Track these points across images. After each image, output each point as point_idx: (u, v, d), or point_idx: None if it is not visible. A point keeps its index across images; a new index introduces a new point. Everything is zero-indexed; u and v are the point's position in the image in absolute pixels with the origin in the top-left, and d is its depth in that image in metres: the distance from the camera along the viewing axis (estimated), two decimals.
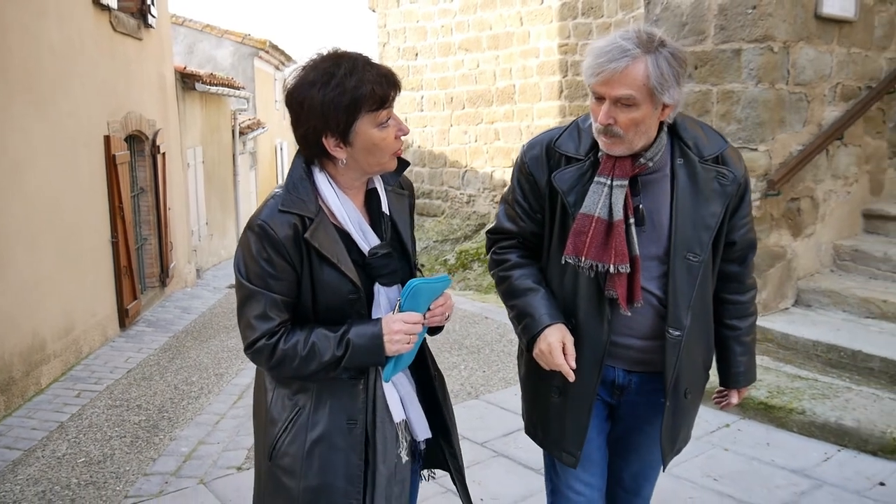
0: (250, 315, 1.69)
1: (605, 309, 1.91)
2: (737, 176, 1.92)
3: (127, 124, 7.34)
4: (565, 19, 8.72)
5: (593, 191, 1.86)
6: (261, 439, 1.84)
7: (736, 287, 2.08)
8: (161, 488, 3.54)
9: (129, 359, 6.04)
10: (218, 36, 16.89)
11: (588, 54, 1.81)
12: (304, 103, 1.65)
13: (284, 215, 1.66)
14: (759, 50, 4.41)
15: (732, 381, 2.14)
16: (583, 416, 1.99)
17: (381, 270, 1.75)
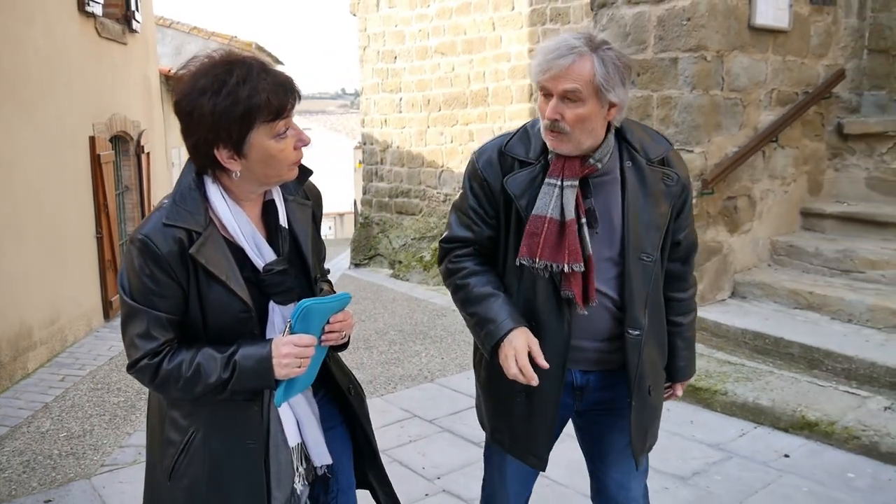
0: (133, 333, 1.61)
1: (565, 311, 1.94)
2: (680, 177, 1.99)
3: (112, 125, 7.66)
4: (534, 25, 9.07)
5: (544, 192, 1.89)
6: (156, 457, 1.77)
7: (679, 285, 2.14)
8: (134, 458, 3.87)
9: (111, 347, 6.37)
10: (205, 38, 17.14)
11: (537, 54, 1.86)
12: (193, 112, 1.55)
13: (169, 229, 1.57)
14: (693, 59, 4.76)
15: (677, 375, 2.20)
16: (549, 418, 2.01)
17: (275, 288, 1.67)
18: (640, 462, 2.09)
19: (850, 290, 4.80)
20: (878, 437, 3.61)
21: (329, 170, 31.50)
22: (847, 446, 3.66)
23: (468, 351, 5.61)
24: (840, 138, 5.87)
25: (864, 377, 4.10)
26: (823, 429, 3.77)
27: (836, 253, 5.13)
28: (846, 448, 3.65)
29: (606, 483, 2.19)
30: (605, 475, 2.19)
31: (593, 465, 2.24)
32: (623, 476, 2.16)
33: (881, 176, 5.70)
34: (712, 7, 4.70)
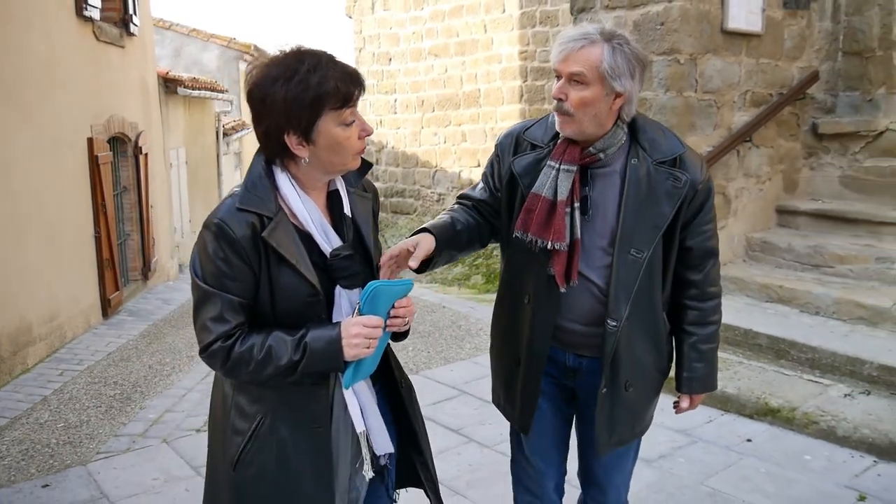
0: (206, 317, 1.64)
1: (554, 288, 2.02)
2: (693, 180, 1.99)
3: (110, 127, 7.85)
4: (525, 27, 9.26)
5: (544, 173, 2.00)
6: (220, 448, 1.79)
7: (695, 294, 2.11)
8: (128, 446, 4.06)
9: (109, 343, 6.55)
10: (204, 40, 17.36)
11: (556, 41, 1.97)
12: (265, 99, 1.62)
13: (242, 214, 1.62)
14: (666, 62, 4.94)
15: (684, 386, 2.18)
16: (534, 385, 2.12)
17: (342, 272, 1.72)
18: (601, 452, 2.13)
19: (819, 283, 4.98)
20: (836, 423, 3.79)
21: None
22: (806, 431, 3.84)
23: (454, 345, 5.79)
24: (815, 138, 6.05)
25: (826, 366, 4.27)
26: (785, 415, 3.95)
27: (808, 248, 5.31)
28: (805, 433, 3.83)
29: (591, 463, 2.27)
30: (590, 455, 2.24)
31: (581, 445, 2.30)
32: (609, 461, 2.22)
33: (854, 174, 5.88)
34: (684, 12, 4.87)
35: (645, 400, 2.17)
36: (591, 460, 2.26)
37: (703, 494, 3.31)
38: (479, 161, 10.10)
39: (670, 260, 2.07)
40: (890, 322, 4.47)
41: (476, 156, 10.14)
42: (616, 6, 5.14)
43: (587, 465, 2.29)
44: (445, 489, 3.39)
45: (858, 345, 4.29)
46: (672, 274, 2.10)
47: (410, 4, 10.95)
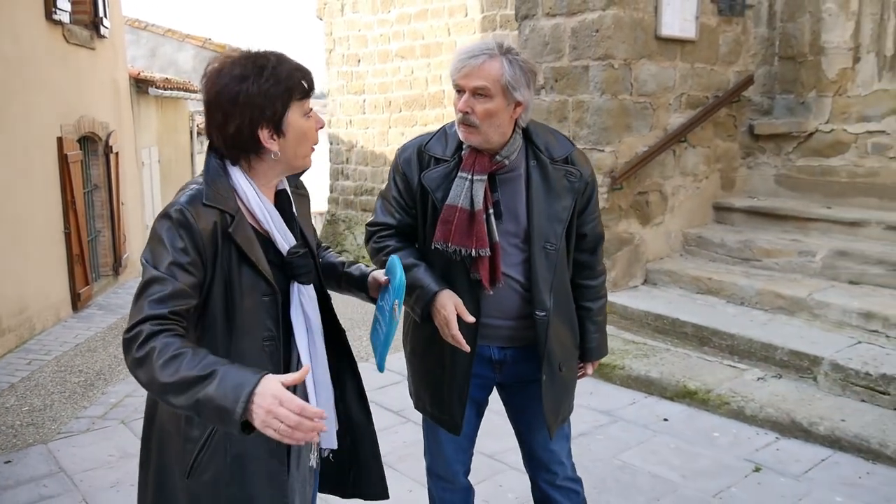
0: (146, 299, 1.52)
1: (475, 291, 2.15)
2: (583, 175, 2.19)
3: (80, 127, 8.06)
4: (486, 31, 9.54)
5: (457, 185, 2.10)
6: (171, 458, 1.73)
7: (588, 273, 2.35)
8: (88, 427, 4.31)
9: (77, 335, 6.78)
10: (179, 40, 17.52)
11: (454, 56, 2.09)
12: (237, 98, 1.63)
13: (207, 209, 1.62)
14: (602, 66, 5.25)
15: (588, 355, 2.41)
16: (462, 387, 2.22)
17: (300, 269, 1.75)
18: (552, 431, 2.28)
19: (745, 276, 5.30)
20: (745, 403, 4.10)
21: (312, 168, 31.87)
22: (719, 411, 4.15)
23: None
24: (752, 138, 6.39)
25: (744, 352, 4.59)
26: (701, 396, 4.26)
27: (738, 243, 5.63)
28: (718, 412, 4.15)
29: (533, 447, 2.40)
30: (531, 440, 2.39)
31: (520, 433, 2.44)
32: (546, 439, 2.34)
33: (787, 173, 6.22)
34: (618, 20, 5.18)
35: (573, 378, 2.37)
36: (536, 444, 2.38)
37: (613, 467, 3.61)
38: None
39: (570, 248, 2.25)
40: (806, 311, 4.79)
41: None
42: (556, 13, 5.44)
43: (532, 449, 2.41)
44: None
45: (773, 332, 4.61)
46: (572, 260, 2.30)
47: (378, 7, 11.21)
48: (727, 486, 3.38)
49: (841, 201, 5.80)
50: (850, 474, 3.44)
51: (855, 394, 4.00)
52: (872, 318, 4.44)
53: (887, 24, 5.68)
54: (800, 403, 3.98)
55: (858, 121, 5.84)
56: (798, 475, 3.46)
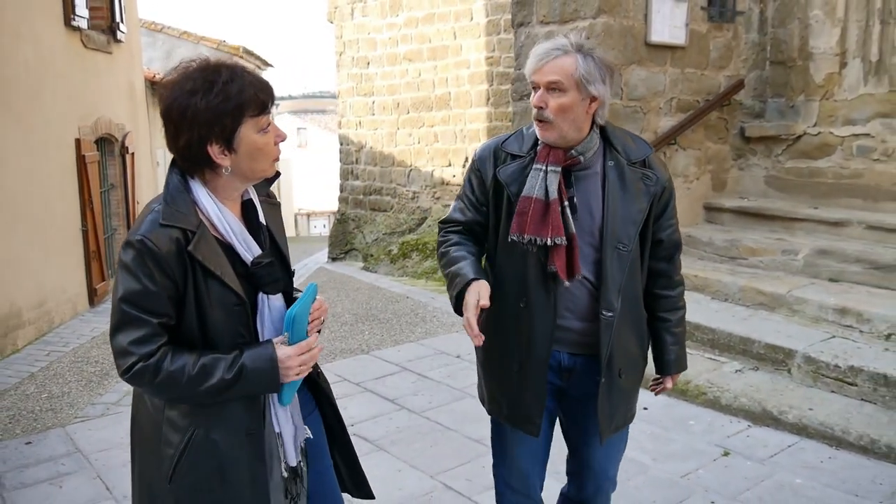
0: (126, 340, 1.64)
1: (551, 286, 2.13)
2: (660, 179, 2.16)
3: (97, 128, 8.37)
4: (491, 34, 9.78)
5: (532, 176, 2.11)
6: (153, 464, 1.77)
7: (665, 283, 2.29)
8: (103, 412, 4.60)
9: (94, 328, 7.08)
10: (194, 42, 17.85)
11: (530, 56, 2.10)
12: (185, 112, 1.63)
13: (166, 229, 1.63)
14: None
15: (665, 369, 2.39)
16: (540, 387, 2.19)
17: (265, 279, 1.76)
18: (604, 438, 2.24)
19: (731, 273, 5.51)
20: (721, 393, 4.32)
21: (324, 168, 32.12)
22: (696, 401, 4.38)
23: (406, 330, 6.33)
24: (743, 140, 6.60)
25: (724, 346, 4.81)
26: (680, 387, 4.48)
27: (725, 242, 5.85)
28: (695, 402, 4.37)
29: (586, 458, 2.37)
30: (586, 452, 2.36)
31: (573, 442, 2.41)
32: (601, 455, 2.34)
33: (776, 174, 6.42)
34: (608, 27, 5.41)
35: (635, 386, 2.34)
36: (588, 452, 2.36)
37: None
38: (449, 161, 10.63)
39: (645, 253, 2.22)
40: (785, 307, 5.00)
41: (447, 156, 10.67)
42: (549, 21, 5.67)
43: (583, 457, 2.39)
44: (372, 446, 3.96)
45: (753, 327, 4.82)
46: (647, 267, 2.25)
47: (387, 11, 11.47)
48: (695, 469, 3.60)
49: (827, 202, 6.00)
50: (813, 459, 3.66)
51: (825, 385, 4.21)
52: (847, 314, 4.64)
53: (872, 31, 5.87)
54: (772, 393, 4.20)
55: (844, 124, 6.03)
56: (764, 459, 3.68)
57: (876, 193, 5.76)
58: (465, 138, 10.42)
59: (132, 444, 1.86)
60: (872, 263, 5.06)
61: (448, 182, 10.79)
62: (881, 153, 5.81)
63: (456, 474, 3.65)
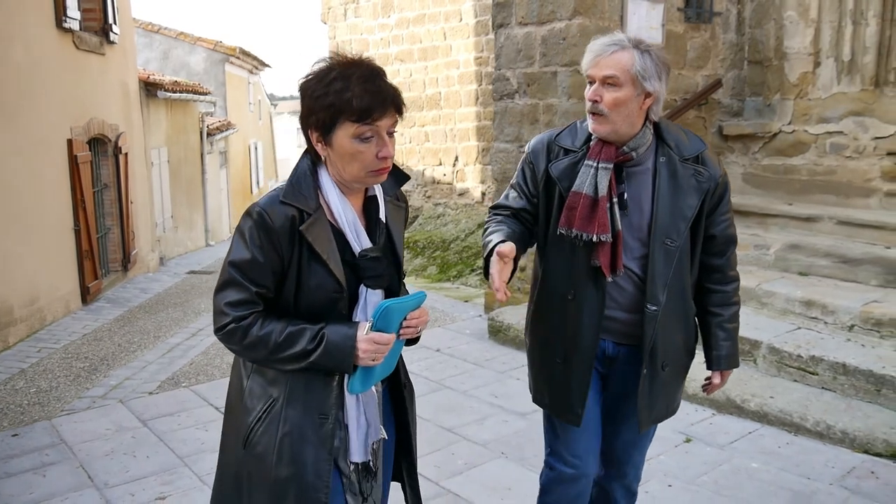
0: (224, 300, 1.74)
1: (599, 281, 2.16)
2: (713, 175, 2.17)
3: (90, 129, 8.50)
4: (479, 35, 9.91)
5: (583, 172, 2.13)
6: (233, 426, 1.86)
7: (719, 278, 2.29)
8: (89, 405, 4.73)
9: (86, 326, 7.22)
10: (191, 43, 18.03)
11: (586, 53, 2.13)
12: (301, 92, 1.75)
13: (284, 206, 1.72)
14: (568, 72, 5.60)
15: (715, 364, 2.36)
16: (584, 378, 2.22)
17: (368, 272, 1.79)
18: (642, 428, 2.27)
19: None
20: (688, 384, 4.38)
21: None
22: None
23: None
24: (721, 138, 6.72)
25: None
26: None
27: None
28: None
29: (614, 444, 2.40)
30: (614, 438, 2.39)
31: (605, 427, 2.40)
32: (629, 441, 2.38)
33: (754, 171, 6.55)
34: (583, 28, 5.53)
35: (678, 380, 2.35)
36: (618, 442, 2.39)
37: None
38: (440, 160, 10.76)
39: (696, 248, 2.22)
40: (755, 300, 5.12)
41: (438, 155, 10.80)
42: (527, 22, 5.80)
43: (612, 447, 2.41)
44: None
45: None
46: (698, 262, 2.26)
47: (379, 12, 11.60)
48: (657, 454, 3.72)
49: (801, 198, 6.12)
50: (771, 444, 3.78)
51: (788, 374, 4.33)
52: (812, 306, 4.76)
53: (844, 31, 5.99)
54: (737, 383, 4.32)
55: (818, 122, 6.15)
56: (724, 445, 3.81)
57: (848, 190, 5.88)
58: (455, 137, 10.55)
59: (225, 407, 1.96)
60: (841, 257, 5.18)
61: (439, 181, 10.92)
62: (853, 150, 5.93)
63: (426, 461, 3.76)
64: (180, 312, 7.83)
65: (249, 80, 21.22)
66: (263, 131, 23.63)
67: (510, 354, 5.38)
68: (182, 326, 7.09)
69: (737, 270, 2.35)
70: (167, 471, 3.74)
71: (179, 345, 6.31)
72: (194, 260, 12.87)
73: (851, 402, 4.00)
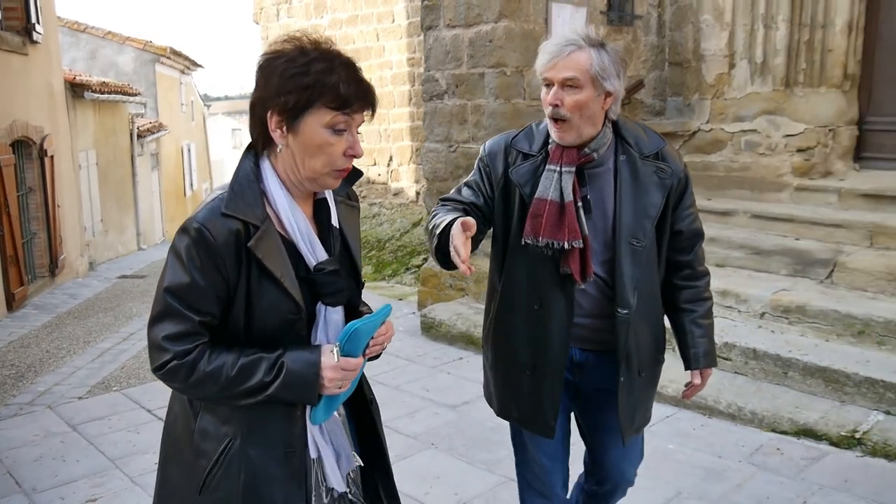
0: (162, 334, 1.51)
1: (567, 288, 2.08)
2: (675, 170, 2.12)
3: (12, 131, 8.31)
4: (412, 36, 10.01)
5: (545, 177, 2.04)
6: (183, 470, 1.65)
7: (689, 274, 2.24)
8: (16, 412, 4.66)
9: (11, 333, 7.06)
10: (119, 43, 17.65)
11: (540, 53, 2.04)
12: (265, 70, 1.53)
13: (226, 219, 1.49)
14: (495, 74, 5.75)
15: (694, 363, 2.24)
16: (555, 388, 2.14)
17: (326, 288, 1.60)
18: (626, 439, 2.19)
19: None
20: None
21: None
22: None
23: None
24: None
25: None
26: None
27: None
28: None
29: (604, 461, 2.34)
30: (603, 455, 2.33)
31: (592, 446, 2.37)
32: (620, 456, 2.30)
33: None
34: (509, 32, 5.68)
35: (652, 384, 2.28)
36: (604, 452, 2.33)
37: (486, 429, 4.08)
38: (374, 160, 10.82)
39: (663, 246, 2.17)
40: None
41: (372, 155, 10.86)
42: (455, 25, 5.92)
43: (599, 457, 2.36)
44: None
45: None
46: (665, 260, 2.20)
47: (311, 13, 11.61)
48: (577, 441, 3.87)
49: (719, 193, 6.40)
50: (687, 427, 3.98)
51: None
52: (727, 296, 5.00)
53: (757, 35, 6.28)
54: None
55: (734, 121, 6.44)
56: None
57: (761, 185, 6.18)
58: (388, 137, 10.63)
59: (162, 447, 1.73)
60: (754, 249, 5.45)
61: (374, 181, 10.98)
62: (766, 147, 6.23)
63: None
64: (111, 317, 7.72)
65: (181, 80, 20.87)
66: (197, 132, 23.26)
67: (442, 350, 5.50)
68: (113, 331, 7.00)
69: (706, 265, 2.31)
70: (97, 473, 3.73)
71: (110, 349, 6.25)
72: (126, 264, 12.64)
73: (761, 384, 4.24)
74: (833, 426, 3.81)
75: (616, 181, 2.08)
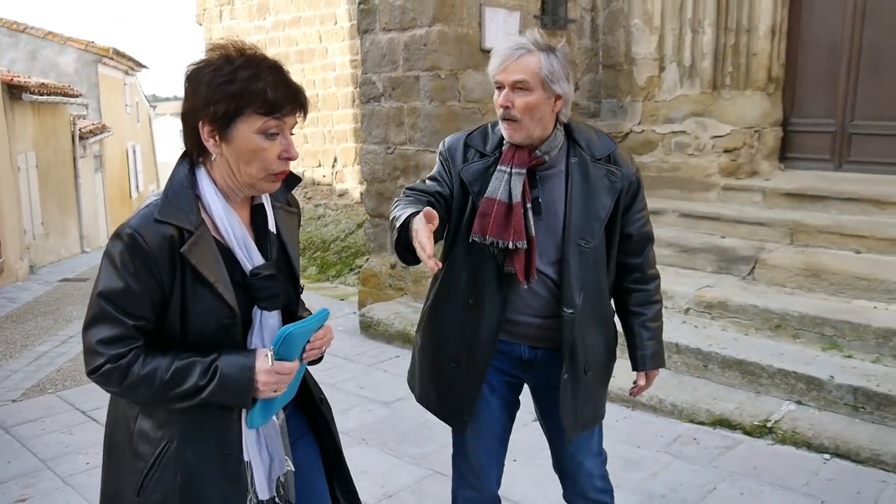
0: (96, 338, 1.53)
1: (504, 286, 2.12)
2: (626, 174, 2.16)
3: None
4: (354, 38, 10.01)
5: (496, 178, 2.09)
6: (122, 472, 1.66)
7: (638, 277, 2.27)
8: None
9: None
10: (60, 43, 17.33)
11: (492, 56, 2.10)
12: (192, 80, 1.56)
13: (160, 225, 1.51)
14: (430, 77, 5.84)
15: (640, 364, 2.31)
16: (474, 385, 2.18)
17: (262, 293, 1.62)
18: (570, 436, 2.22)
19: None
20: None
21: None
22: None
23: None
24: None
25: None
26: None
27: None
28: None
29: (560, 456, 2.37)
30: (558, 449, 2.37)
31: (551, 441, 2.40)
32: (574, 449, 2.31)
33: None
34: (443, 35, 5.78)
35: (601, 383, 2.31)
36: (563, 454, 2.35)
37: (417, 424, 4.18)
38: (319, 161, 10.85)
39: (613, 249, 2.21)
40: None
41: (317, 157, 10.88)
42: (391, 28, 6.01)
43: (559, 458, 2.39)
44: None
45: None
46: (615, 262, 2.24)
47: (254, 14, 11.57)
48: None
49: (651, 193, 6.47)
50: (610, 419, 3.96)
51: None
52: None
53: (685, 39, 6.49)
54: None
55: (664, 122, 6.65)
56: None
57: (690, 185, 6.39)
58: (333, 139, 10.66)
59: (104, 448, 1.74)
60: (682, 247, 5.65)
61: (318, 182, 11.00)
62: (695, 148, 6.45)
63: None
64: (50, 321, 7.64)
65: (125, 81, 20.57)
66: (142, 134, 22.93)
67: (379, 348, 5.58)
68: (51, 334, 6.94)
69: (656, 269, 2.34)
70: (28, 474, 3.74)
71: (48, 353, 6.19)
72: (68, 267, 12.44)
73: (683, 377, 4.42)
74: (747, 416, 4.00)
75: (567, 183, 2.12)
